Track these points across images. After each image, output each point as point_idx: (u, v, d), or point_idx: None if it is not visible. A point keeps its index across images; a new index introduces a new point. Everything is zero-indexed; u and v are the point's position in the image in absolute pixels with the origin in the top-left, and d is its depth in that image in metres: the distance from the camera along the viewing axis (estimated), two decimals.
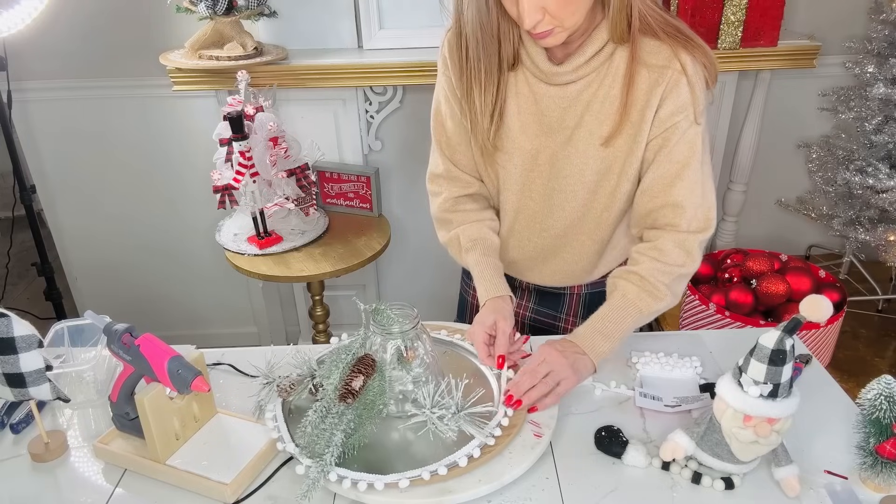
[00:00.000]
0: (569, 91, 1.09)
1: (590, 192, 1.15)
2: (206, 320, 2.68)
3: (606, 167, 1.12)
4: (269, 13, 2.00)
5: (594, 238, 1.22)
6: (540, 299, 1.37)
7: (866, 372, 2.16)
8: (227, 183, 1.81)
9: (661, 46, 1.04)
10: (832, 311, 1.08)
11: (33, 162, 2.35)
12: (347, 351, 0.99)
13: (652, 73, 1.04)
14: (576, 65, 1.06)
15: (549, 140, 1.13)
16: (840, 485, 0.92)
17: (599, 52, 1.06)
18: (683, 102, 1.05)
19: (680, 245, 1.10)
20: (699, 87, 1.05)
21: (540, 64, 1.08)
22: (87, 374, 1.10)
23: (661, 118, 1.06)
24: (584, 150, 1.11)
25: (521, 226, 1.24)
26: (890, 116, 2.13)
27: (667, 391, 1.09)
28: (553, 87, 1.10)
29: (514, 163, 1.17)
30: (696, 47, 1.05)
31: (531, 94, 1.12)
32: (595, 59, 1.06)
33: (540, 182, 1.17)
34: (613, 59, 1.07)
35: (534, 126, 1.13)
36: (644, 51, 1.04)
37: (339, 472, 0.90)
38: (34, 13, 1.79)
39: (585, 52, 1.05)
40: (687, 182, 1.08)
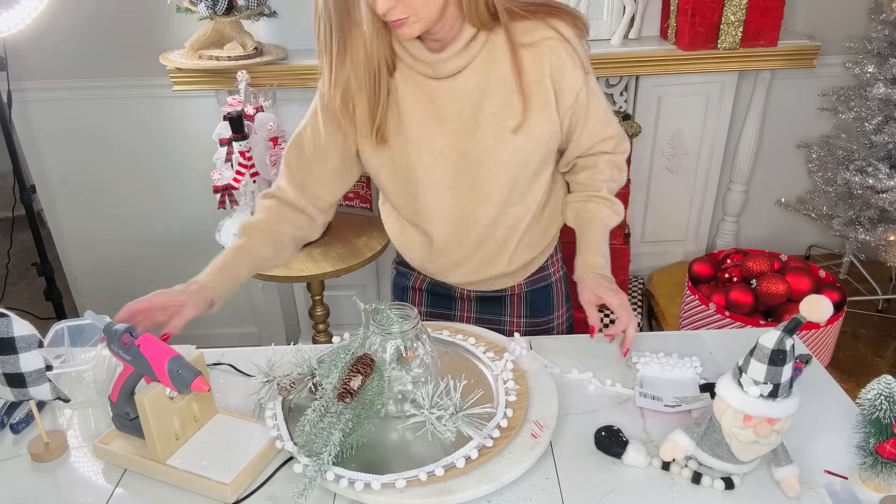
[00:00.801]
0: (458, 82, 1.11)
1: (513, 171, 1.17)
2: (206, 320, 2.63)
3: (524, 146, 1.15)
4: (269, 13, 2.00)
5: (530, 207, 1.23)
6: (481, 307, 1.37)
7: (866, 372, 2.16)
8: (227, 183, 1.81)
9: (533, 24, 1.10)
10: (832, 311, 1.08)
11: (33, 162, 2.36)
12: (347, 350, 0.99)
13: (533, 49, 1.10)
14: (455, 50, 1.08)
15: (455, 135, 1.14)
16: (840, 485, 0.92)
17: (475, 39, 1.09)
18: (575, 63, 1.12)
19: (614, 164, 1.24)
20: (579, 45, 1.12)
21: (420, 55, 1.09)
22: (87, 374, 1.10)
23: (567, 86, 1.13)
24: (494, 133, 1.13)
25: (455, 225, 1.22)
26: (890, 116, 2.13)
27: (667, 391, 1.09)
28: (443, 80, 1.11)
29: (425, 164, 1.16)
30: (561, 12, 1.12)
31: (424, 94, 1.13)
32: (472, 45, 1.09)
33: (459, 176, 1.17)
34: (494, 43, 1.10)
35: (435, 124, 1.14)
36: (518, 33, 1.09)
37: (336, 471, 0.90)
38: (34, 13, 1.79)
39: (462, 38, 1.08)
40: (605, 119, 1.20)
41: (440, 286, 1.36)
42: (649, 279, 2.57)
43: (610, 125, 1.21)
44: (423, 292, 1.39)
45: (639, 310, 2.45)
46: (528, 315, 1.37)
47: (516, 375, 1.07)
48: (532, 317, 1.37)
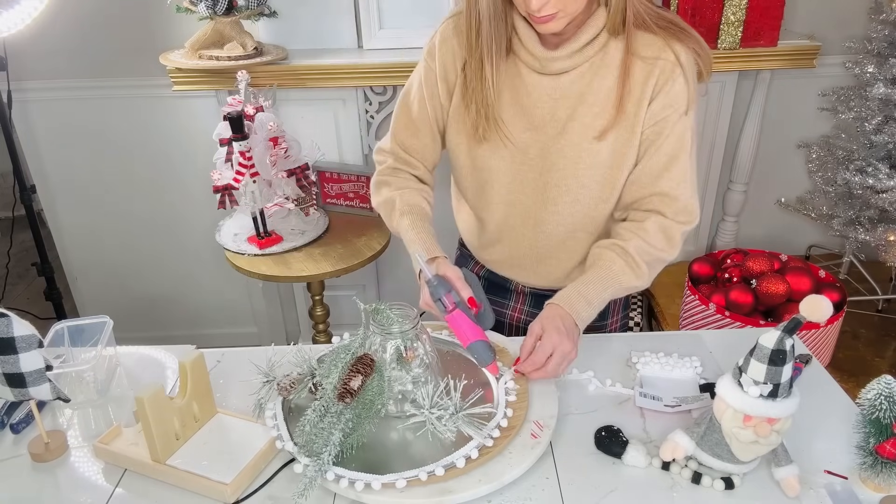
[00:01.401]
0: (561, 82, 1.09)
1: (585, 186, 1.14)
2: (206, 320, 2.68)
3: (602, 160, 1.12)
4: (269, 13, 2.00)
5: (590, 231, 1.21)
6: (535, 302, 1.36)
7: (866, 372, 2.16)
8: (227, 183, 1.81)
9: (655, 39, 1.06)
10: (832, 311, 1.08)
11: (33, 162, 2.36)
12: (347, 350, 0.99)
13: (646, 64, 1.06)
14: (570, 50, 1.06)
15: (539, 133, 1.13)
16: (840, 485, 0.92)
17: (593, 41, 1.06)
18: (676, 94, 1.06)
19: (664, 230, 1.12)
20: (691, 78, 1.07)
21: (533, 49, 1.08)
22: (87, 374, 1.10)
23: (653, 110, 1.08)
24: (578, 143, 1.11)
25: (514, 221, 1.23)
26: (890, 116, 2.13)
27: (667, 391, 1.09)
28: (546, 77, 1.10)
29: (501, 155, 1.16)
30: (689, 38, 1.07)
31: (523, 85, 1.12)
32: (589, 48, 1.07)
33: (532, 176, 1.16)
34: (607, 50, 1.07)
35: (524, 118, 1.13)
36: (638, 43, 1.06)
37: (336, 471, 0.90)
38: (34, 13, 1.79)
39: (580, 40, 1.06)
40: (675, 174, 1.10)
41: (497, 276, 1.35)
42: None
43: (680, 185, 1.10)
44: (481, 278, 1.36)
45: (639, 310, 2.45)
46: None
47: (516, 376, 1.07)
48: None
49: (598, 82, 1.08)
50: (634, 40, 1.06)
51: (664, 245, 1.12)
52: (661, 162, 1.10)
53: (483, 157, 1.18)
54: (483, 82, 1.11)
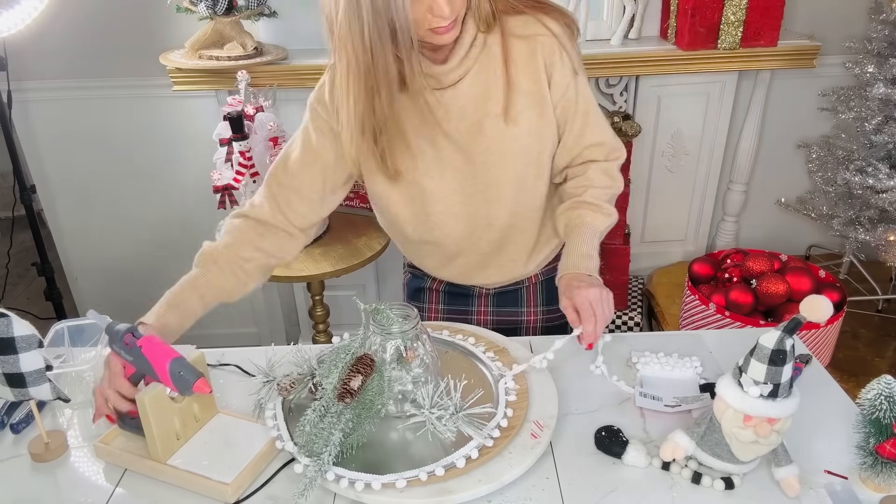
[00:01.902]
0: (460, 89, 1.12)
1: (518, 172, 1.18)
2: (206, 320, 2.65)
3: (525, 143, 1.16)
4: (269, 13, 2.00)
5: (536, 208, 1.24)
6: (499, 301, 1.38)
7: (866, 372, 2.16)
8: (227, 183, 1.81)
9: (526, 18, 1.12)
10: (832, 311, 1.08)
11: (33, 162, 2.36)
12: (347, 351, 0.99)
13: (527, 42, 1.11)
14: (458, 58, 1.10)
15: (458, 141, 1.15)
16: (840, 485, 0.92)
17: (474, 43, 1.10)
18: (565, 61, 1.13)
19: (604, 172, 1.21)
20: (569, 43, 1.13)
21: (428, 69, 1.09)
22: (87, 374, 1.10)
23: (556, 83, 1.14)
24: (497, 133, 1.14)
25: (466, 228, 1.23)
26: (890, 116, 2.13)
27: (667, 391, 1.09)
28: (446, 90, 1.12)
29: (431, 175, 1.17)
30: (552, 9, 1.13)
31: (427, 105, 1.12)
32: (473, 50, 1.10)
33: (468, 181, 1.18)
34: (489, 46, 1.12)
35: (438, 134, 1.15)
36: (511, 26, 1.12)
37: (336, 471, 0.90)
38: (34, 13, 1.79)
39: (463, 45, 1.09)
40: (593, 125, 1.19)
41: (457, 286, 1.37)
42: (649, 279, 2.57)
43: (600, 131, 1.20)
44: (440, 293, 1.40)
45: (639, 310, 2.45)
46: (545, 303, 1.38)
47: (516, 375, 1.07)
48: (548, 305, 1.37)
49: (491, 75, 1.12)
50: (507, 25, 1.11)
51: (610, 182, 1.21)
52: (579, 121, 1.18)
53: (415, 185, 1.18)
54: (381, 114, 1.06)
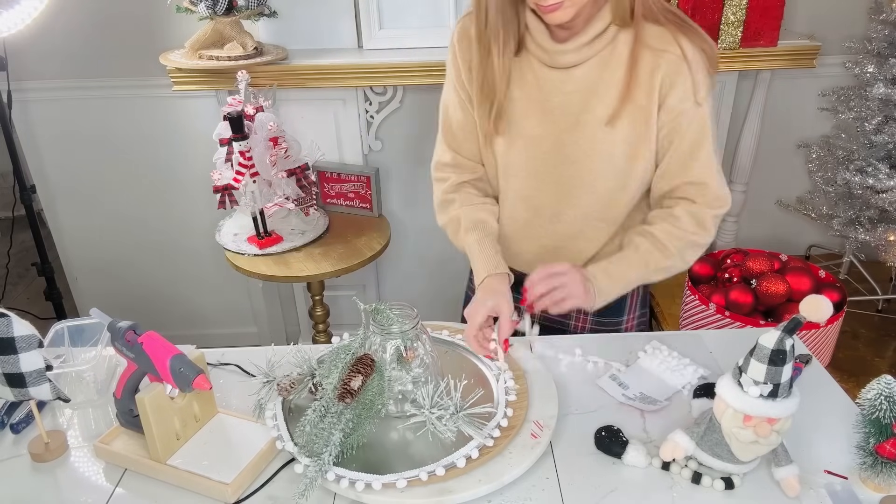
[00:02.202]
0: (573, 75, 1.11)
1: (601, 177, 1.15)
2: (206, 320, 2.68)
3: (617, 150, 1.13)
4: (269, 13, 2.00)
5: (607, 220, 1.21)
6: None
7: (866, 372, 2.16)
8: (227, 183, 1.81)
9: (663, 31, 1.08)
10: (832, 311, 1.08)
11: (33, 162, 2.36)
12: (347, 351, 0.99)
13: (654, 55, 1.07)
14: (579, 43, 1.08)
15: (553, 126, 1.14)
16: (840, 485, 0.92)
17: (602, 34, 1.08)
18: (687, 87, 1.08)
19: (693, 216, 1.15)
20: (700, 71, 1.08)
21: (543, 43, 1.10)
22: (87, 374, 1.10)
23: (669, 105, 1.10)
24: (592, 134, 1.12)
25: (531, 215, 1.23)
26: (890, 116, 2.13)
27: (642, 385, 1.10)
28: (557, 70, 1.11)
29: (517, 148, 1.17)
30: (695, 34, 1.08)
31: (535, 79, 1.13)
32: (598, 41, 1.08)
33: (546, 169, 1.17)
34: (616, 43, 1.09)
35: (537, 112, 1.14)
36: (646, 34, 1.07)
37: (337, 471, 0.90)
38: (34, 13, 1.79)
39: (588, 33, 1.07)
40: (701, 161, 1.13)
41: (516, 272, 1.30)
42: None
43: (708, 173, 1.13)
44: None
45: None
46: (596, 313, 1.29)
47: (516, 375, 1.08)
48: (600, 315, 1.32)
49: (608, 74, 1.10)
50: (643, 31, 1.07)
51: (695, 228, 1.15)
52: (685, 152, 1.12)
53: (499, 154, 1.20)
54: (492, 74, 1.13)
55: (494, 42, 1.11)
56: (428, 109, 2.21)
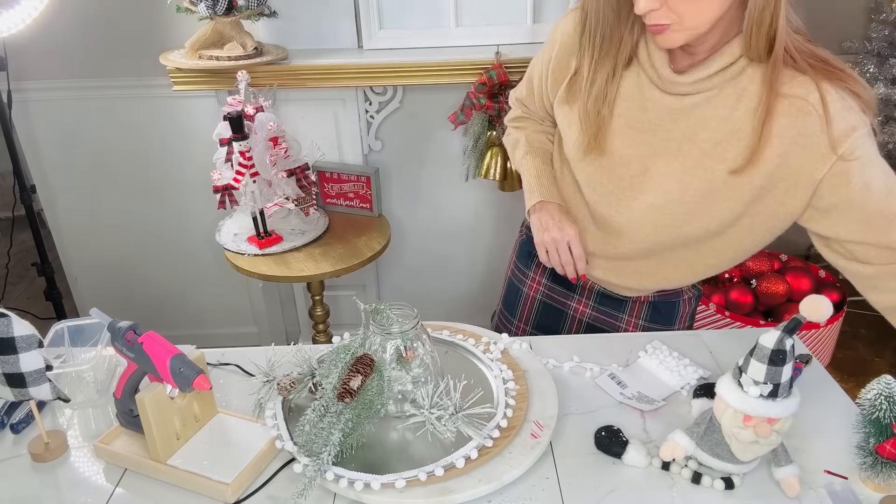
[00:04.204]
0: (684, 103, 1.01)
1: (690, 215, 1.05)
2: (206, 320, 2.67)
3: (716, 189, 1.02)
4: (269, 13, 1.99)
5: (687, 261, 1.15)
6: (601, 300, 1.30)
7: (866, 372, 2.16)
8: (227, 183, 1.81)
9: (802, 77, 0.95)
10: (832, 311, 1.08)
11: (33, 162, 2.36)
12: (347, 350, 0.99)
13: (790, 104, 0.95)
14: (698, 77, 0.98)
15: (645, 149, 1.06)
16: (840, 485, 0.92)
17: (728, 68, 0.97)
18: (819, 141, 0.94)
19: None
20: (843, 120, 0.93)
21: (658, 67, 1.01)
22: (87, 374, 1.10)
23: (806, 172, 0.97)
24: (692, 167, 1.02)
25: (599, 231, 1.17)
26: (890, 116, 2.13)
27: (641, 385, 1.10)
28: (668, 96, 1.02)
29: (600, 164, 1.10)
30: (843, 78, 0.94)
31: (641, 98, 1.04)
32: (720, 75, 0.97)
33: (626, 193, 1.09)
34: (741, 78, 0.97)
35: (634, 133, 1.06)
36: (781, 80, 0.94)
37: (336, 471, 0.90)
38: (34, 13, 1.79)
39: (711, 66, 0.97)
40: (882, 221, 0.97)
41: None
42: None
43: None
44: (545, 267, 1.30)
45: None
46: (649, 319, 1.28)
47: (516, 375, 1.08)
48: (652, 321, 1.29)
49: (726, 110, 0.98)
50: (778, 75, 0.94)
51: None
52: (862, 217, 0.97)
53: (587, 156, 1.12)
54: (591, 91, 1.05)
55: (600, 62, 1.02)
56: (428, 109, 2.22)
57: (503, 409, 1.00)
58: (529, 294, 1.37)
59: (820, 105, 0.93)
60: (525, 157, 1.25)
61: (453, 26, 2.10)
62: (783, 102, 0.95)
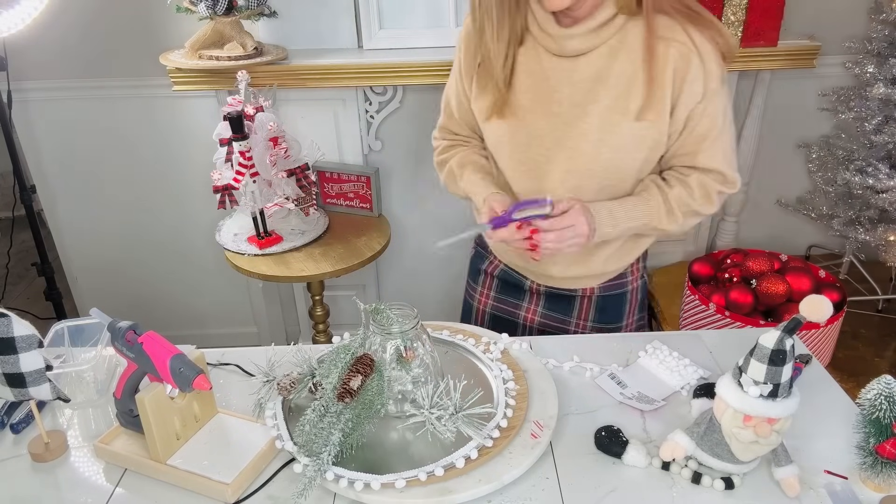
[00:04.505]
0: (579, 64, 1.10)
1: (607, 168, 1.14)
2: (206, 320, 2.67)
3: (627, 141, 1.11)
4: (269, 13, 2.00)
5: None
6: (549, 303, 1.35)
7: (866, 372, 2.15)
8: (227, 183, 1.81)
9: (672, 22, 1.07)
10: (832, 311, 1.08)
11: (33, 162, 2.36)
12: (347, 350, 0.99)
13: (667, 46, 1.06)
14: (586, 28, 1.07)
15: (559, 119, 1.13)
16: (840, 485, 0.92)
17: (610, 22, 1.07)
18: (694, 78, 1.07)
19: (703, 187, 1.15)
20: (711, 62, 1.07)
21: (548, 28, 1.09)
22: (87, 374, 1.10)
23: (677, 97, 1.09)
24: (600, 126, 1.11)
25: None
26: (890, 116, 2.13)
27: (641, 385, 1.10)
28: (564, 59, 1.10)
29: (516, 141, 1.16)
30: (706, 23, 1.07)
31: (541, 70, 1.12)
32: (605, 29, 1.07)
33: (553, 164, 1.16)
34: (625, 34, 1.08)
35: (542, 105, 1.13)
36: (658, 25, 1.06)
37: (336, 471, 0.90)
38: (34, 13, 1.79)
39: (596, 19, 1.06)
40: (708, 153, 1.13)
41: (511, 275, 1.35)
42: (649, 279, 2.57)
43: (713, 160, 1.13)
44: (494, 278, 1.38)
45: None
46: (596, 319, 1.33)
47: (516, 375, 1.08)
48: (600, 321, 1.33)
49: (617, 65, 1.08)
50: (654, 22, 1.06)
51: (703, 200, 1.16)
52: (693, 142, 1.13)
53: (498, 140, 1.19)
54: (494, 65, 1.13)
55: (488, 21, 1.10)
56: (428, 109, 2.21)
57: (503, 409, 1.00)
58: (480, 308, 1.43)
59: (694, 49, 1.06)
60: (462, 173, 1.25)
61: (453, 26, 2.10)
62: (663, 45, 1.06)
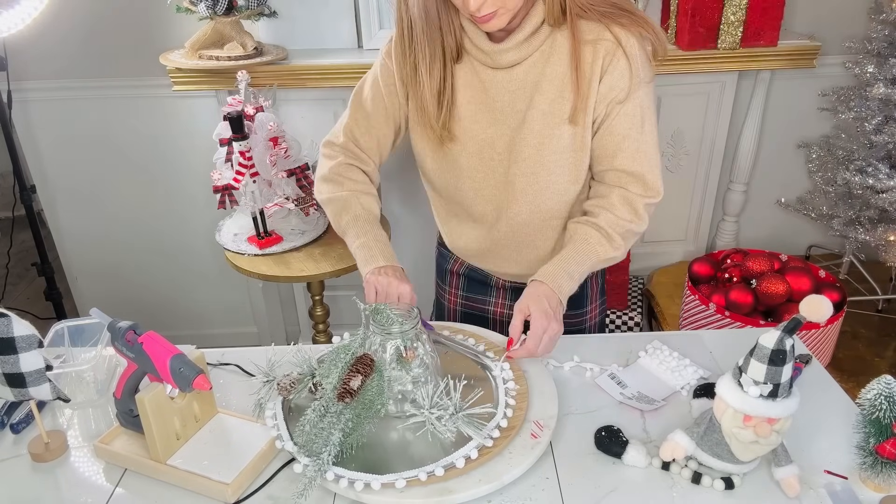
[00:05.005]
0: (515, 74, 1.12)
1: (552, 172, 1.17)
2: (207, 320, 2.67)
3: (565, 144, 1.14)
4: (269, 13, 2.00)
5: (564, 216, 1.23)
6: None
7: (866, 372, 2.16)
8: (227, 183, 1.81)
9: (598, 25, 1.09)
10: (832, 311, 1.08)
11: (33, 162, 2.36)
12: (347, 350, 0.99)
13: (591, 47, 1.09)
14: (516, 41, 1.09)
15: (503, 127, 1.16)
16: (840, 485, 0.92)
17: (537, 32, 1.09)
18: (619, 75, 1.09)
19: (628, 203, 1.16)
20: (637, 59, 1.09)
21: (482, 45, 1.11)
22: (87, 374, 1.10)
23: (602, 93, 1.11)
24: (540, 130, 1.14)
25: (486, 210, 1.24)
26: (890, 116, 2.13)
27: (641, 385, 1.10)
28: (500, 71, 1.13)
29: (469, 152, 1.19)
30: (632, 21, 1.08)
31: (479, 82, 1.15)
32: (535, 38, 1.09)
33: (500, 170, 1.19)
34: (555, 40, 1.10)
35: (486, 114, 1.16)
36: (581, 30, 1.09)
37: (336, 471, 0.90)
38: (34, 13, 1.79)
39: (524, 30, 1.09)
40: (629, 152, 1.13)
41: (477, 272, 1.38)
42: (649, 279, 2.57)
43: (639, 163, 1.13)
44: (461, 276, 1.42)
45: (639, 310, 2.45)
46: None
47: (516, 375, 1.08)
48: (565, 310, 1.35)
49: (550, 69, 1.11)
50: (578, 28, 1.09)
51: (632, 217, 1.16)
52: (613, 141, 1.13)
53: (451, 157, 1.21)
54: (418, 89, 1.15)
55: (422, 60, 1.13)
56: None
57: (503, 409, 1.00)
58: (450, 307, 1.46)
59: (618, 45, 1.08)
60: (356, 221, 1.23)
61: None
62: (590, 49, 1.09)
